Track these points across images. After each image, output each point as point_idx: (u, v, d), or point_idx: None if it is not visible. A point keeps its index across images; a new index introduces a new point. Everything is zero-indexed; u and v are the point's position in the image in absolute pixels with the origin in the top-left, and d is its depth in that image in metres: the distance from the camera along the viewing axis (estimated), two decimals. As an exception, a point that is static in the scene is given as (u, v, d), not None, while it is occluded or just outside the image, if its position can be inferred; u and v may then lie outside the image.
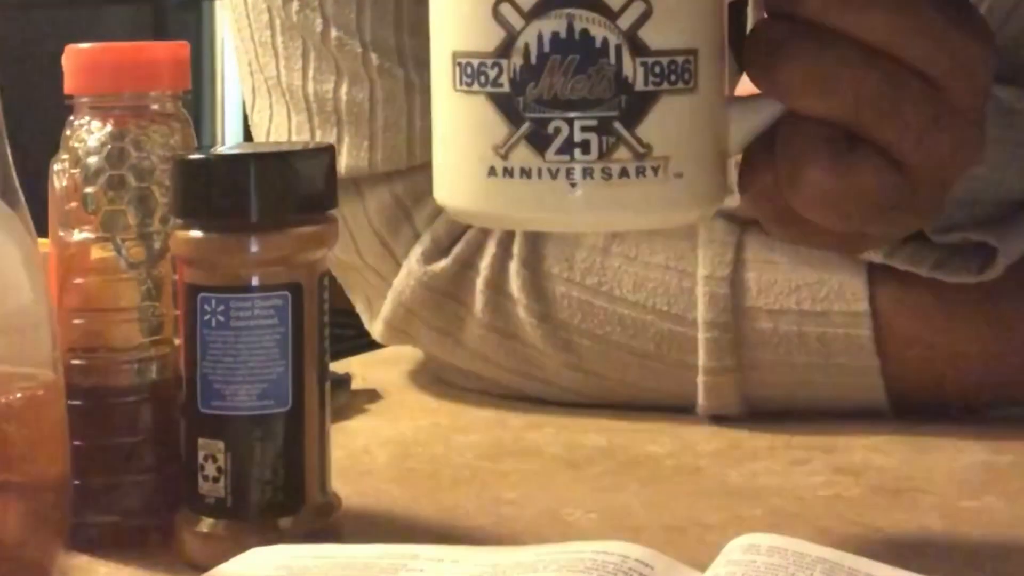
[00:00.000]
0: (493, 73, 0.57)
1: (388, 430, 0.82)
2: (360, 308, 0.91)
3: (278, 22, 0.85)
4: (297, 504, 0.62)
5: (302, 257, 0.62)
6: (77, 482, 0.61)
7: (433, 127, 0.60)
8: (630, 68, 0.56)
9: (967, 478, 0.73)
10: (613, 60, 0.56)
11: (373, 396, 0.89)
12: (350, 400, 0.87)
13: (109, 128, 0.64)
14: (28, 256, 0.59)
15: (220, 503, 0.61)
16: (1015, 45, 0.79)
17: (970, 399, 0.82)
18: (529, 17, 0.56)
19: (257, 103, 0.89)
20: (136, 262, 0.64)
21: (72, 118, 0.65)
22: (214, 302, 0.61)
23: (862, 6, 0.57)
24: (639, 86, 0.56)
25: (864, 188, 0.58)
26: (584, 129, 0.56)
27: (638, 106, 0.57)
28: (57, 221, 0.65)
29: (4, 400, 0.57)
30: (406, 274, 0.86)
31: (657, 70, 0.57)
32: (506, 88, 0.57)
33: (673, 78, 0.57)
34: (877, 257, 0.79)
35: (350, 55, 0.84)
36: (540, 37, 0.56)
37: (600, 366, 0.84)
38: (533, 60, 0.56)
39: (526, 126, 0.57)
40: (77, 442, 0.61)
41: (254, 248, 0.61)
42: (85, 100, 0.65)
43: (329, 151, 0.64)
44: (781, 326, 0.80)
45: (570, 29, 0.56)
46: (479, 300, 0.85)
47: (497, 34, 0.57)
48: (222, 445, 0.61)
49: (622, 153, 0.57)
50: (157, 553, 0.63)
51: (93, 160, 0.64)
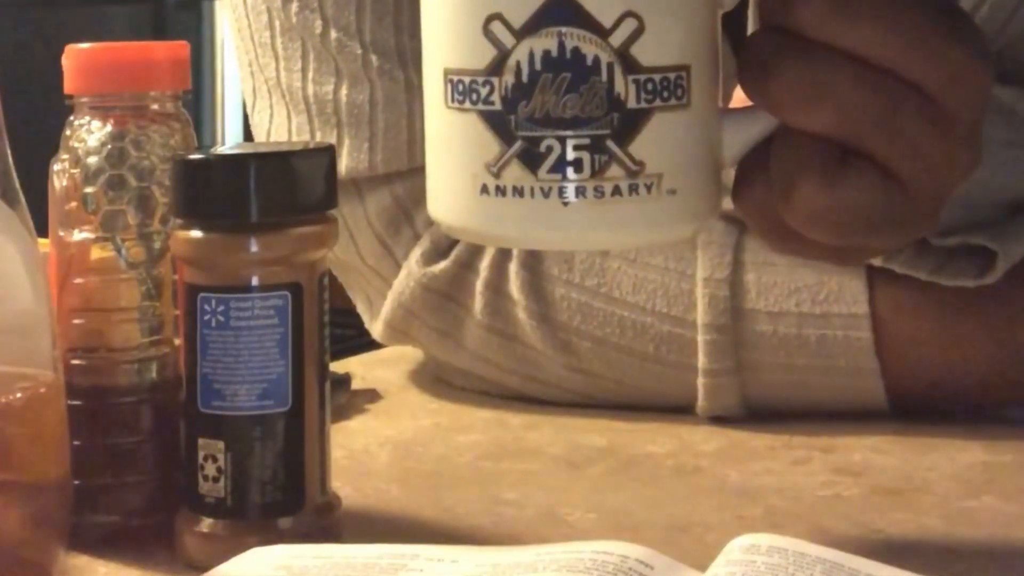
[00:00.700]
0: (485, 91, 0.57)
1: (388, 430, 0.82)
2: (360, 308, 0.91)
3: (278, 23, 0.85)
4: (297, 504, 0.62)
5: (302, 257, 0.62)
6: (77, 482, 0.61)
7: (426, 143, 0.60)
8: (622, 86, 0.56)
9: (967, 478, 0.73)
10: (605, 78, 0.56)
11: (373, 396, 0.89)
12: (350, 400, 0.87)
13: (109, 128, 0.64)
14: (28, 256, 0.59)
15: (220, 503, 0.61)
16: (1017, 45, 0.79)
17: (970, 401, 0.82)
18: (520, 35, 0.56)
19: (257, 104, 0.89)
20: (136, 262, 0.64)
21: (72, 118, 0.65)
22: (214, 302, 0.61)
23: (853, 19, 0.56)
24: (631, 103, 0.56)
25: (857, 203, 0.57)
26: (576, 147, 0.56)
27: (630, 123, 0.56)
28: (57, 221, 0.65)
29: (4, 400, 0.57)
30: (406, 275, 0.86)
31: (649, 87, 0.56)
32: (498, 106, 0.56)
33: (666, 94, 0.56)
34: (876, 260, 0.79)
35: (350, 57, 0.84)
36: (531, 55, 0.56)
37: (599, 367, 0.84)
38: (524, 78, 0.56)
39: (518, 144, 0.56)
40: (77, 442, 0.61)
41: (254, 248, 0.61)
42: (85, 100, 0.65)
43: (329, 151, 0.64)
44: (781, 328, 0.80)
45: (561, 47, 0.56)
46: (479, 301, 0.85)
47: (488, 52, 0.56)
48: (222, 445, 0.61)
49: (615, 171, 0.56)
50: (157, 553, 0.63)
51: (93, 160, 0.64)
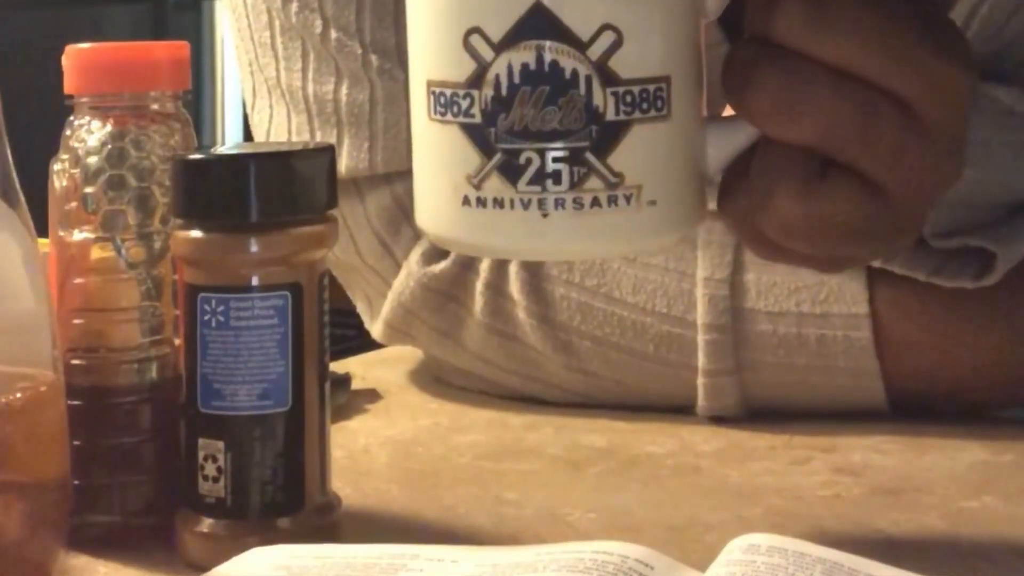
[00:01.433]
0: (465, 104, 0.57)
1: (388, 430, 0.82)
2: (360, 308, 0.91)
3: (278, 23, 0.85)
4: (297, 504, 0.62)
5: (302, 257, 0.62)
6: (77, 482, 0.61)
7: (413, 153, 0.60)
8: (601, 98, 0.56)
9: (967, 478, 0.73)
10: (583, 91, 0.56)
11: (373, 396, 0.89)
12: (350, 400, 0.87)
13: (109, 128, 0.64)
14: (28, 256, 0.59)
15: (220, 503, 0.61)
16: (1016, 46, 0.79)
17: (969, 401, 0.82)
18: (499, 49, 0.56)
19: (257, 103, 0.89)
20: (136, 262, 0.64)
21: (72, 118, 0.65)
22: (214, 302, 0.61)
23: (832, 30, 0.56)
24: (610, 116, 0.56)
25: (834, 215, 0.57)
26: (555, 160, 0.56)
27: (609, 136, 0.56)
28: (57, 221, 0.65)
29: (4, 400, 0.57)
30: (406, 275, 0.86)
31: (628, 99, 0.56)
32: (478, 119, 0.56)
33: (645, 106, 0.56)
34: (876, 262, 0.79)
35: (350, 56, 0.84)
36: (510, 68, 0.56)
37: (599, 367, 0.84)
38: (504, 91, 0.56)
39: (498, 157, 0.56)
40: (77, 442, 0.61)
41: (254, 248, 0.61)
42: (85, 100, 0.65)
43: (329, 151, 0.64)
44: (780, 328, 0.80)
45: (540, 60, 0.56)
46: (479, 301, 0.84)
47: (468, 65, 0.56)
48: (222, 445, 0.61)
49: (594, 183, 0.56)
50: (157, 553, 0.63)
51: (93, 160, 0.64)
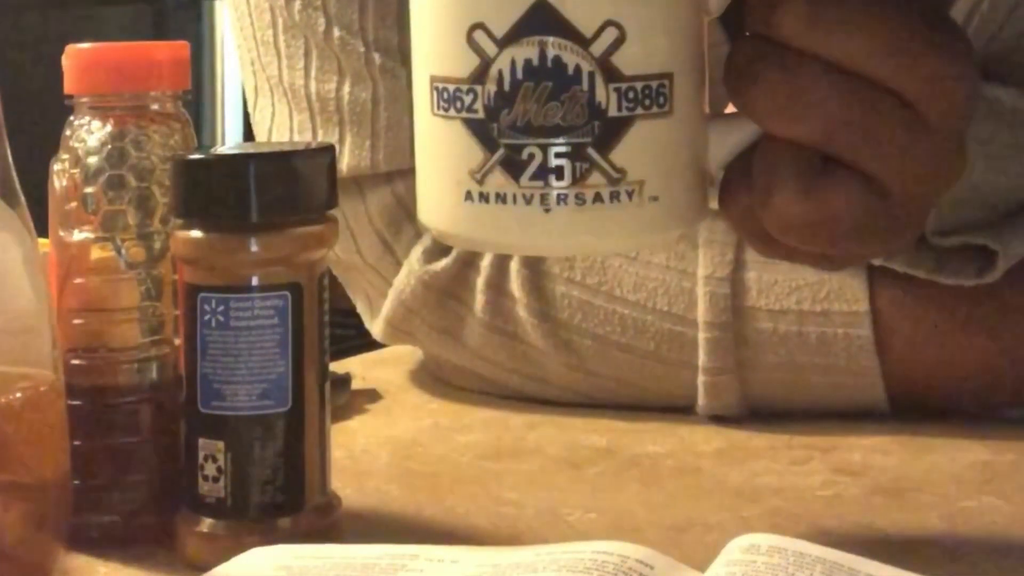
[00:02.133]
0: (468, 99, 0.57)
1: (388, 430, 0.82)
2: (361, 308, 0.90)
3: (280, 21, 0.85)
4: (297, 504, 0.62)
5: (302, 257, 0.62)
6: (77, 482, 0.61)
7: (416, 149, 0.60)
8: (603, 94, 0.56)
9: (967, 478, 0.73)
10: (586, 87, 0.56)
11: (373, 396, 0.89)
12: (350, 400, 0.87)
13: (109, 128, 0.64)
14: (28, 256, 0.59)
15: (220, 503, 0.61)
16: (1015, 45, 0.79)
17: (969, 400, 0.82)
18: (502, 44, 0.56)
19: (259, 102, 0.89)
20: (136, 262, 0.64)
21: (72, 118, 0.65)
22: (214, 302, 0.61)
23: (834, 27, 0.56)
24: (613, 112, 0.56)
25: (834, 213, 0.57)
26: (558, 155, 0.56)
27: (612, 131, 0.56)
28: (57, 221, 0.65)
29: (4, 400, 0.57)
30: (407, 273, 0.86)
31: (631, 95, 0.56)
32: (481, 114, 0.57)
33: (648, 102, 0.56)
34: (876, 259, 0.79)
35: (353, 55, 0.84)
36: (513, 64, 0.56)
37: (600, 366, 0.84)
38: (507, 87, 0.56)
39: (500, 152, 0.57)
40: (77, 442, 0.61)
41: (254, 248, 0.61)
42: (85, 100, 0.65)
43: (330, 151, 0.64)
44: (781, 326, 0.80)
45: (543, 56, 0.56)
46: (479, 299, 0.84)
47: (471, 60, 0.57)
48: (222, 445, 0.61)
49: (596, 179, 0.56)
50: (157, 553, 0.63)
51: (93, 160, 0.64)
